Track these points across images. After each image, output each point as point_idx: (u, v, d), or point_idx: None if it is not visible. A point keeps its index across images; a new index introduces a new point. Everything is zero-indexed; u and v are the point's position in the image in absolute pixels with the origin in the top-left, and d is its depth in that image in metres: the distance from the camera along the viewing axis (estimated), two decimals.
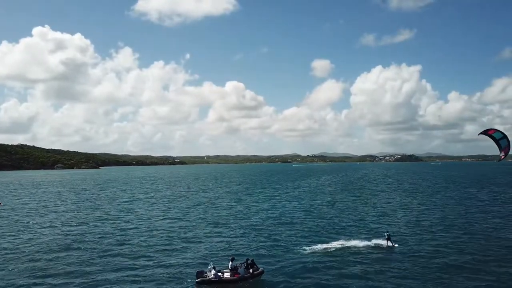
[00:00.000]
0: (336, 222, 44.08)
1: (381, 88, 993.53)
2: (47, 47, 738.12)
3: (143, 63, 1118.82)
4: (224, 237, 36.74)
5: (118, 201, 68.98)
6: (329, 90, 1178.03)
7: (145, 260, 28.62)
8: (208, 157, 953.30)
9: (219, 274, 24.18)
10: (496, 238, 34.76)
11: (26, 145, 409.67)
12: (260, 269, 24.89)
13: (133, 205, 62.51)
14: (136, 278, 24.72)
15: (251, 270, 24.59)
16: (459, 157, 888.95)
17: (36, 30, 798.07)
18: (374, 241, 32.61)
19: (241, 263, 24.90)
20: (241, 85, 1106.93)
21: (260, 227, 41.16)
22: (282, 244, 33.32)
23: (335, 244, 32.31)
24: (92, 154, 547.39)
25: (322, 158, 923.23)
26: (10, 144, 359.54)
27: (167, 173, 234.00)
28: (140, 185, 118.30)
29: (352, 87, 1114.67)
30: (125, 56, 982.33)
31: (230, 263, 24.81)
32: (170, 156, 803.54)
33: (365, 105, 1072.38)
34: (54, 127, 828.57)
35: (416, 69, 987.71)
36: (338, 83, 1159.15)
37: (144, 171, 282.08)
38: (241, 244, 33.53)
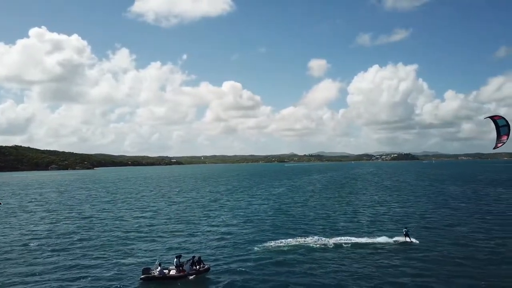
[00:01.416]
0: (298, 220, 44.97)
1: (378, 87, 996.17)
2: (44, 48, 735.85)
3: (140, 64, 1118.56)
4: (185, 235, 37.48)
5: (96, 201, 69.74)
6: (326, 89, 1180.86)
7: (98, 259, 29.24)
8: (205, 157, 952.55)
9: (165, 271, 24.85)
10: (450, 231, 35.82)
11: (21, 146, 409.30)
12: (206, 266, 25.59)
13: (109, 205, 63.23)
14: (85, 276, 25.24)
15: (197, 267, 25.26)
16: (455, 156, 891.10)
17: (33, 31, 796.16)
18: (330, 240, 33.37)
19: (187, 260, 25.53)
20: (238, 84, 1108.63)
21: (223, 226, 41.93)
22: (238, 242, 34.06)
23: (291, 241, 32.99)
24: (88, 154, 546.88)
25: (319, 157, 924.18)
26: (4, 145, 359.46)
27: (160, 174, 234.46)
28: (125, 185, 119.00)
29: (349, 87, 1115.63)
30: (122, 57, 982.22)
31: (176, 260, 25.42)
32: (167, 156, 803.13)
33: (362, 104, 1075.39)
34: (51, 128, 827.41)
35: (412, 68, 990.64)
36: (335, 82, 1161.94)
37: (137, 172, 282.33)
38: (197, 242, 34.25)
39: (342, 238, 33.64)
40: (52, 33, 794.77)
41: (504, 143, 30.03)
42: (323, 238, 33.75)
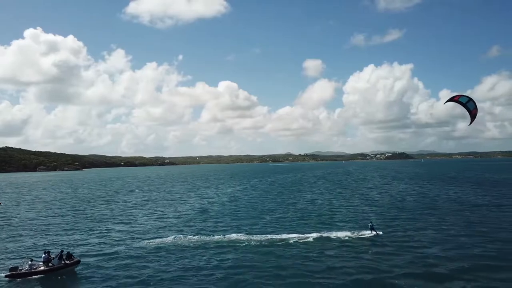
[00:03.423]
0: (218, 218, 46.17)
1: (373, 86, 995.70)
2: (40, 50, 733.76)
3: (136, 65, 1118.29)
4: (64, 232, 39.10)
5: (53, 201, 71.01)
6: (322, 89, 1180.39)
7: None
8: (201, 157, 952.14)
9: (33, 266, 25.60)
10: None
11: (11, 147, 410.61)
12: (75, 260, 26.56)
13: (55, 205, 64.46)
14: None
15: (67, 261, 26.02)
16: (450, 155, 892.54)
17: (28, 32, 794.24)
18: (227, 236, 34.37)
19: (56, 255, 26.36)
20: (234, 84, 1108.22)
21: (109, 223, 43.52)
22: (123, 238, 35.38)
23: (192, 239, 33.92)
24: (81, 155, 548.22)
25: (314, 157, 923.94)
26: None
27: (142, 174, 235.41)
28: (98, 186, 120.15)
29: (345, 86, 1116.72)
30: (118, 58, 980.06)
31: (44, 255, 26.13)
32: (162, 157, 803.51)
33: (358, 103, 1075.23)
34: (47, 129, 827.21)
35: (408, 67, 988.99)
36: (331, 82, 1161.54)
37: (123, 172, 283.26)
38: (78, 239, 35.43)
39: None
40: (47, 34, 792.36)
41: (475, 117, 30.24)
42: (248, 236, 34.49)
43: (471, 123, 30.77)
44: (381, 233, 33.84)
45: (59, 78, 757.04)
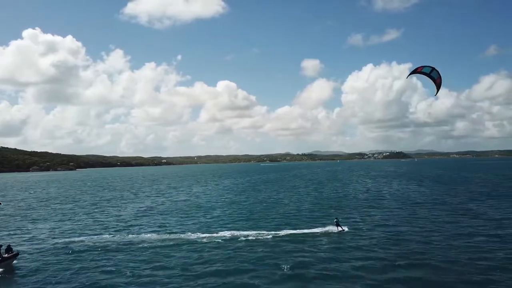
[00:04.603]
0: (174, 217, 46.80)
1: (372, 86, 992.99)
2: (38, 50, 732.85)
3: (134, 65, 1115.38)
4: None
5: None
6: (320, 89, 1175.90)
7: None
8: (199, 157, 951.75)
9: None
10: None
11: (6, 147, 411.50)
12: (14, 253, 27.31)
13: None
14: None
15: (4, 255, 26.68)
16: (447, 154, 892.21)
17: (27, 32, 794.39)
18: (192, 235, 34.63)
19: None
20: (233, 84, 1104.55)
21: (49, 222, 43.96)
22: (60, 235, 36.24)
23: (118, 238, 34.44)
24: (77, 155, 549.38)
25: (312, 156, 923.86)
26: None
27: (129, 174, 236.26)
28: (73, 185, 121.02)
29: (344, 86, 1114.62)
30: (117, 58, 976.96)
31: None
32: (159, 156, 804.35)
33: (357, 103, 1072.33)
34: (46, 129, 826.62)
35: (406, 67, 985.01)
36: (329, 82, 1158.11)
37: (114, 172, 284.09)
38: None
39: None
40: (46, 34, 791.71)
41: (440, 86, 30.00)
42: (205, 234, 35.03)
43: (437, 92, 30.49)
44: (346, 229, 34.34)
45: (58, 79, 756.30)
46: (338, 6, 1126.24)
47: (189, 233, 35.31)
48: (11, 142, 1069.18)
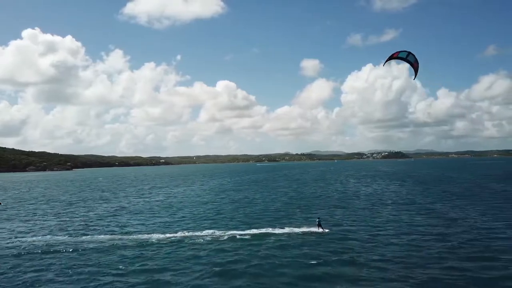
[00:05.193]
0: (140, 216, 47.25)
1: (371, 86, 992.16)
2: (38, 50, 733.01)
3: (134, 65, 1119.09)
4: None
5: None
6: (320, 89, 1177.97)
7: None
8: (198, 157, 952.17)
9: None
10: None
11: (3, 147, 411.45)
12: None
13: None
14: None
15: None
16: (447, 154, 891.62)
17: (26, 32, 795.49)
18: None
19: None
20: (233, 84, 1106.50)
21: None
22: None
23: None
24: (75, 155, 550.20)
25: (310, 156, 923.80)
26: None
27: (120, 174, 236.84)
28: (67, 185, 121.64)
29: (343, 86, 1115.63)
30: (116, 58, 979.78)
31: None
32: (158, 156, 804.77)
33: (356, 103, 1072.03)
34: (45, 129, 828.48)
35: (406, 66, 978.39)
36: (329, 82, 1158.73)
37: (104, 173, 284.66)
38: None
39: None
40: (45, 34, 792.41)
41: (418, 70, 29.59)
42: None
43: (415, 77, 30.19)
44: (327, 230, 34.28)
45: (57, 79, 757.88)
46: (337, 6, 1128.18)
47: (144, 233, 35.60)
48: (10, 142, 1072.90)
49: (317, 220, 35.20)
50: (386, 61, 29.88)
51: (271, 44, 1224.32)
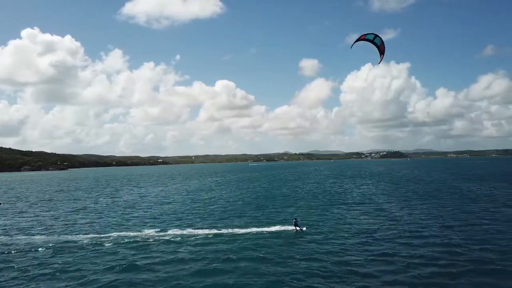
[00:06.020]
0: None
1: (370, 85, 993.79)
2: (37, 50, 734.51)
3: (133, 65, 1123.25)
4: None
5: None
6: (319, 88, 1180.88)
7: None
8: (197, 156, 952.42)
9: None
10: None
11: (0, 147, 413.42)
12: None
13: None
14: None
15: None
16: (445, 153, 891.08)
17: (25, 32, 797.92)
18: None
19: None
20: (232, 84, 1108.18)
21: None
22: None
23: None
24: (73, 155, 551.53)
25: (309, 156, 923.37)
26: None
27: (109, 174, 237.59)
28: (51, 185, 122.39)
29: (342, 85, 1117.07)
30: (115, 58, 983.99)
31: None
32: (156, 156, 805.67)
33: (355, 102, 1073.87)
34: (44, 129, 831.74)
35: (405, 66, 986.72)
36: (328, 81, 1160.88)
37: (96, 173, 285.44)
38: None
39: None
40: (44, 34, 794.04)
41: (384, 52, 29.46)
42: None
43: (380, 60, 30.00)
44: (304, 228, 34.49)
45: (56, 79, 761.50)
46: (336, 6, 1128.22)
47: (80, 234, 36.05)
48: (9, 142, 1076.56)
49: (294, 219, 35.38)
50: (354, 43, 29.88)
51: (270, 44, 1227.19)
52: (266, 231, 34.59)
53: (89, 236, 34.87)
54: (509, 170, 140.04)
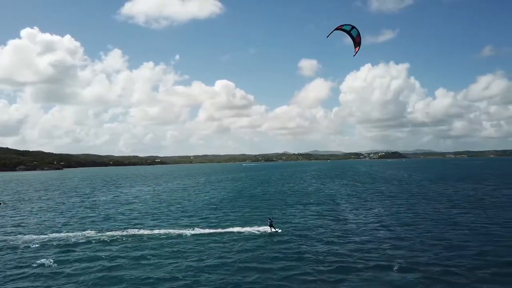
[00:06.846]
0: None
1: (370, 85, 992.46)
2: (36, 49, 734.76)
3: (132, 65, 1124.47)
4: None
5: None
6: (318, 88, 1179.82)
7: None
8: (196, 156, 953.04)
9: None
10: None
11: None
12: None
13: None
14: None
15: None
16: (444, 154, 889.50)
17: (25, 31, 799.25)
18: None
19: None
20: (231, 84, 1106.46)
21: None
22: None
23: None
24: (71, 155, 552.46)
25: (308, 156, 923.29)
26: None
27: (114, 174, 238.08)
28: (35, 185, 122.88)
29: (342, 85, 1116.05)
30: (115, 58, 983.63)
31: None
32: (155, 155, 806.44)
33: (355, 102, 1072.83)
34: (44, 129, 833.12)
35: (404, 67, 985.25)
36: (327, 81, 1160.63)
37: (96, 172, 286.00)
38: None
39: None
40: (44, 34, 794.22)
41: (360, 44, 29.03)
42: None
43: (356, 52, 29.40)
44: (279, 230, 34.57)
45: (56, 78, 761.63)
46: (335, 6, 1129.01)
47: (49, 232, 36.64)
48: (9, 142, 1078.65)
49: (269, 220, 35.35)
50: (331, 33, 29.12)
51: (269, 44, 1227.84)
52: (223, 232, 34.88)
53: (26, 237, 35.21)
54: (489, 171, 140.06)
